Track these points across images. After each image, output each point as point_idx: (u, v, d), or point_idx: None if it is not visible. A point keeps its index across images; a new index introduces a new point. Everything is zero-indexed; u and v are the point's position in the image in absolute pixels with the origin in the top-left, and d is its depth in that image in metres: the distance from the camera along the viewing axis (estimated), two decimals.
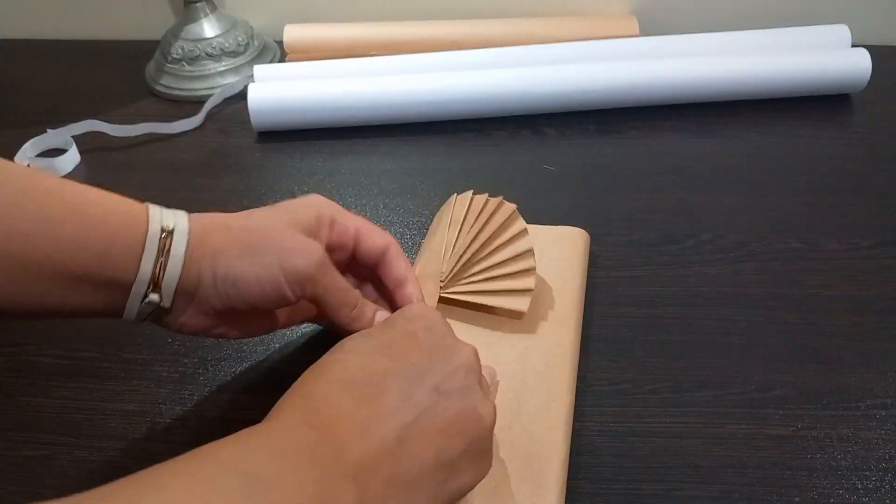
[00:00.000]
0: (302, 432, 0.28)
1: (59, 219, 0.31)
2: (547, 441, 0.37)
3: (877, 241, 0.50)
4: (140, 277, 0.33)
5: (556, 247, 0.47)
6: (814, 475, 0.37)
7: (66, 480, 0.39)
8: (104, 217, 0.32)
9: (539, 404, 0.38)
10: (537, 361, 0.40)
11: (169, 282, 0.34)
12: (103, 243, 0.32)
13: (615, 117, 0.63)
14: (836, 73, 0.62)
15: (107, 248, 0.32)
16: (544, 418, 0.38)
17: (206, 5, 0.71)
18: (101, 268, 0.32)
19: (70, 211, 0.32)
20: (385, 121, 0.63)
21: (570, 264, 0.46)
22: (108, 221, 0.32)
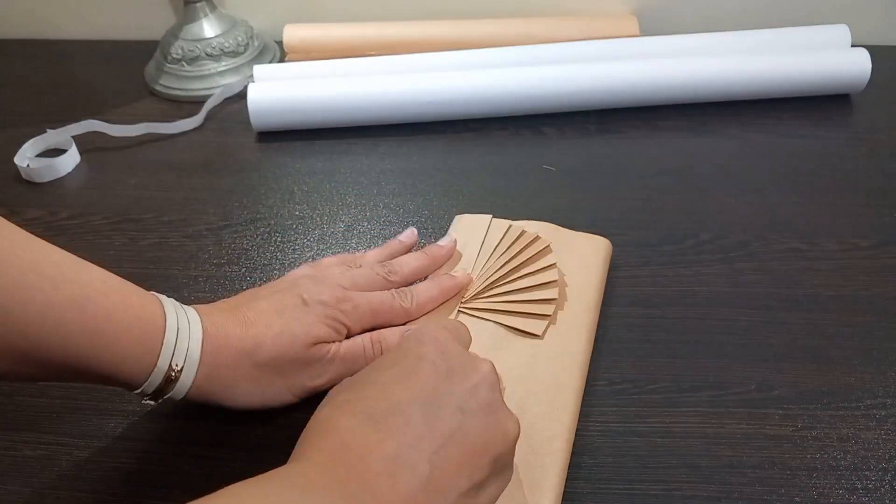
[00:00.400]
0: (331, 469, 0.28)
1: (77, 333, 0.32)
2: (546, 450, 0.36)
3: (877, 241, 0.50)
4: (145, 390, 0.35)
5: (576, 254, 0.46)
6: (814, 475, 0.37)
7: (66, 481, 0.39)
8: (116, 337, 0.33)
9: (542, 412, 0.38)
10: (544, 368, 0.40)
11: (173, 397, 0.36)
12: (115, 365, 0.34)
13: (615, 117, 0.63)
14: (836, 73, 0.62)
15: (118, 368, 0.34)
16: (546, 426, 0.37)
17: (205, 5, 0.71)
18: (110, 380, 0.34)
19: (87, 329, 0.32)
20: (385, 121, 0.63)
21: (588, 273, 0.46)
22: (120, 344, 0.33)
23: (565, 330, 0.42)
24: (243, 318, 0.37)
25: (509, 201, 0.54)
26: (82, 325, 0.32)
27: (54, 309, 0.31)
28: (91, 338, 0.33)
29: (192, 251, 0.53)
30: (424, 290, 0.43)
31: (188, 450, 0.40)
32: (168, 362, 0.34)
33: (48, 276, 0.32)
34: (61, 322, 0.32)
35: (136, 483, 0.39)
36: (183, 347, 0.35)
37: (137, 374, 0.34)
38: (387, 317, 0.41)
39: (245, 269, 0.51)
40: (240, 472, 0.40)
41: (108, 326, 0.33)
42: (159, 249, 0.53)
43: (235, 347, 0.36)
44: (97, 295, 0.33)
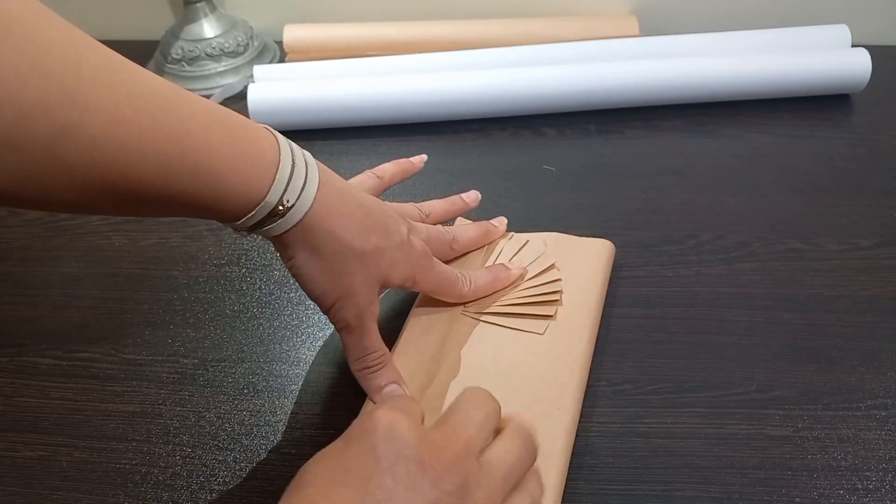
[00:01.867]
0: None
1: (177, 170, 0.30)
2: (546, 450, 0.36)
3: (877, 241, 0.50)
4: (245, 223, 0.34)
5: (579, 257, 0.46)
6: (814, 476, 0.37)
7: (67, 481, 0.39)
8: (221, 173, 0.31)
9: (543, 411, 0.38)
10: (546, 368, 0.40)
11: (269, 232, 0.34)
12: (218, 200, 0.32)
13: (615, 117, 0.63)
14: (836, 73, 0.62)
15: (221, 203, 0.32)
16: (546, 426, 0.37)
17: (205, 5, 0.71)
18: (209, 212, 0.33)
19: (188, 165, 0.30)
20: (385, 121, 0.63)
21: (590, 275, 0.45)
22: (224, 179, 0.32)
23: (567, 330, 0.42)
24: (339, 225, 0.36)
25: (509, 202, 0.54)
26: (183, 162, 0.30)
27: (152, 146, 0.29)
28: (192, 174, 0.31)
29: (192, 251, 0.53)
30: (481, 277, 0.43)
31: (187, 451, 0.40)
32: (279, 197, 0.33)
33: (146, 109, 0.29)
34: (160, 159, 0.29)
35: (136, 483, 0.39)
36: (297, 184, 0.33)
37: (241, 208, 0.33)
38: (446, 294, 0.42)
39: (245, 270, 0.51)
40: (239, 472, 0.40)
41: (210, 162, 0.31)
42: (159, 250, 0.53)
43: (350, 197, 0.36)
44: (199, 129, 0.31)
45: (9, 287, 0.51)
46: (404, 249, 0.38)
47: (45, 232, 0.56)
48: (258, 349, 0.46)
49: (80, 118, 0.27)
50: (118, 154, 0.28)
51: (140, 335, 0.47)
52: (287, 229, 0.34)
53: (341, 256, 0.35)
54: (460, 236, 0.45)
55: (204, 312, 0.48)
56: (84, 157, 0.28)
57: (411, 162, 0.47)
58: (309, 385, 0.44)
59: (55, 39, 0.27)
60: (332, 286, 0.36)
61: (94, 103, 0.27)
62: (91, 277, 0.52)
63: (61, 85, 0.26)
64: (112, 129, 0.28)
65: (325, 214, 0.35)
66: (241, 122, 0.33)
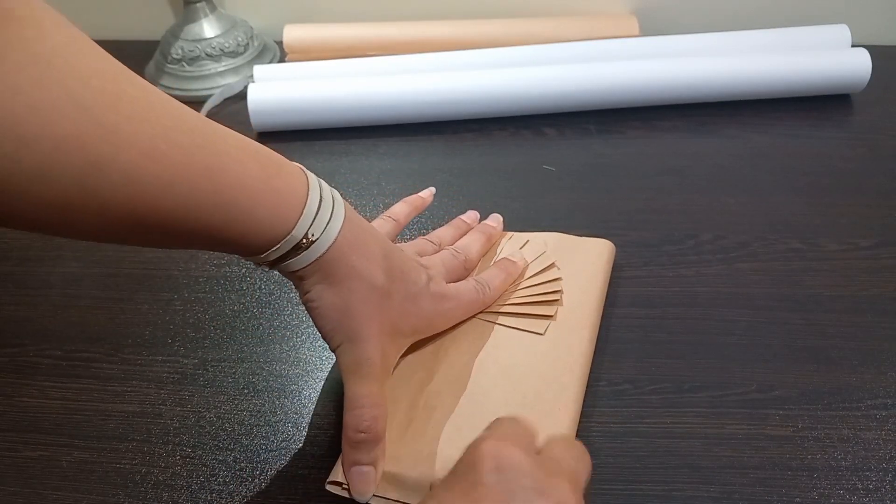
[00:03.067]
0: None
1: (209, 205, 0.30)
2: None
3: (877, 241, 0.50)
4: (268, 257, 0.34)
5: (580, 257, 0.46)
6: (814, 476, 0.37)
7: (67, 481, 0.39)
8: (251, 209, 0.32)
9: (544, 410, 0.38)
10: (546, 368, 0.40)
11: (290, 266, 0.34)
12: (245, 235, 0.32)
13: (615, 117, 0.63)
14: (836, 73, 0.62)
15: (247, 237, 0.32)
16: (547, 425, 0.37)
17: (205, 5, 0.71)
18: (234, 246, 0.33)
19: (220, 200, 0.30)
20: (385, 121, 0.63)
21: (591, 274, 0.46)
22: (254, 214, 0.32)
23: (567, 330, 0.42)
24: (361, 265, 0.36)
25: (509, 201, 0.54)
26: (215, 197, 0.30)
27: (186, 181, 0.29)
28: (224, 210, 0.31)
29: (192, 252, 0.53)
30: (495, 278, 0.43)
31: (187, 451, 0.41)
32: (305, 231, 0.33)
33: (181, 144, 0.29)
34: (193, 194, 0.29)
35: (136, 483, 0.39)
36: (324, 218, 0.34)
37: (267, 242, 0.33)
38: (472, 313, 0.42)
39: (245, 270, 0.51)
40: (239, 472, 0.40)
41: (242, 198, 0.31)
42: (159, 250, 0.53)
43: (371, 236, 0.36)
44: (233, 165, 0.31)
45: (9, 287, 0.51)
46: (422, 298, 0.38)
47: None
48: (258, 349, 0.46)
49: (115, 152, 0.27)
50: (150, 188, 0.28)
51: (140, 335, 0.47)
52: (308, 263, 0.34)
53: (358, 294, 0.35)
54: (470, 253, 0.45)
55: (204, 312, 0.48)
56: (116, 190, 0.28)
57: (421, 197, 0.48)
58: (309, 385, 0.44)
59: (94, 72, 0.27)
60: (344, 324, 0.36)
61: (129, 137, 0.27)
62: (91, 277, 0.52)
63: (97, 118, 0.26)
64: (146, 163, 0.28)
65: (346, 249, 0.35)
66: (273, 157, 0.34)
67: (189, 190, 0.29)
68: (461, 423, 0.37)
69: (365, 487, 0.35)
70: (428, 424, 0.37)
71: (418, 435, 0.37)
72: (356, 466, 0.35)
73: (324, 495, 0.38)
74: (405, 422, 0.38)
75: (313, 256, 0.34)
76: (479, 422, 0.35)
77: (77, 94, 0.26)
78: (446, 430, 0.37)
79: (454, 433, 0.37)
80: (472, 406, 0.38)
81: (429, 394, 0.39)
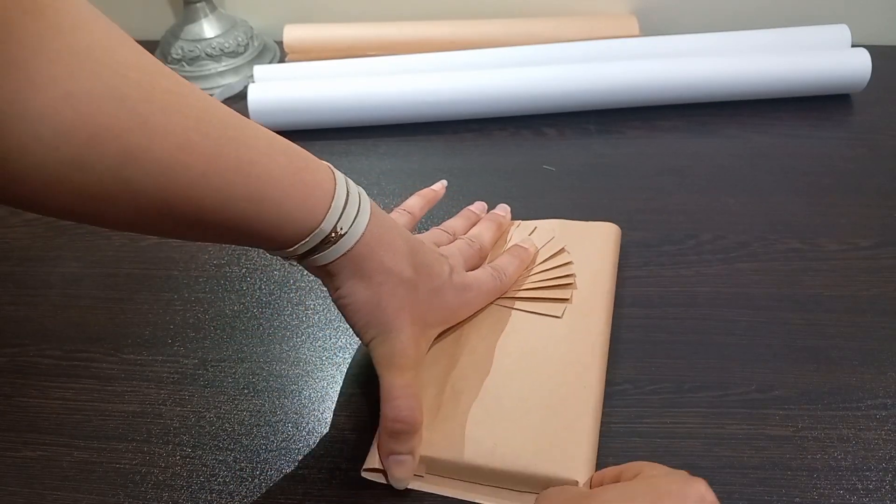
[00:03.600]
0: None
1: (239, 197, 0.31)
2: (577, 428, 0.37)
3: (877, 241, 0.50)
4: (297, 250, 0.34)
5: (588, 241, 0.48)
6: (814, 476, 0.37)
7: (67, 482, 0.39)
8: (280, 201, 0.32)
9: (569, 392, 0.39)
10: (567, 350, 0.41)
11: (318, 260, 0.35)
12: (274, 227, 0.32)
13: (615, 117, 0.63)
14: (836, 73, 0.62)
15: (276, 230, 0.33)
16: (573, 406, 0.38)
17: (205, 5, 0.71)
18: (264, 240, 0.33)
19: (250, 192, 0.31)
20: (385, 121, 0.63)
21: (600, 258, 0.47)
22: (284, 207, 0.32)
23: (584, 312, 0.43)
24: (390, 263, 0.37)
25: (509, 201, 0.54)
26: (246, 189, 0.31)
27: (217, 171, 0.29)
28: (253, 201, 0.31)
29: (192, 251, 0.53)
30: (509, 265, 0.44)
31: (187, 451, 0.40)
32: (333, 224, 0.33)
33: (212, 136, 0.29)
34: (223, 185, 0.30)
35: (136, 483, 0.39)
36: (351, 213, 0.34)
37: (296, 235, 0.33)
38: (491, 300, 0.43)
39: (245, 270, 0.51)
40: (239, 472, 0.40)
41: (271, 190, 0.31)
42: (159, 250, 0.53)
43: (396, 232, 0.37)
44: (262, 157, 0.31)
45: (9, 287, 0.51)
46: (447, 289, 0.39)
47: (45, 232, 0.56)
48: (258, 349, 0.46)
49: (149, 142, 0.27)
50: (183, 179, 0.29)
51: (140, 335, 0.47)
52: (337, 257, 0.34)
53: (388, 287, 0.36)
54: (484, 242, 0.45)
55: (204, 312, 0.48)
56: (149, 180, 0.28)
57: (434, 190, 0.48)
58: (309, 385, 0.44)
59: (130, 64, 0.27)
60: (376, 317, 0.36)
61: (162, 128, 0.28)
62: (91, 277, 0.52)
63: (133, 109, 0.27)
64: (179, 154, 0.28)
65: (374, 244, 0.35)
66: (300, 152, 0.34)
67: (220, 181, 0.30)
68: (489, 406, 0.38)
69: (403, 475, 0.36)
70: (457, 408, 0.38)
71: (448, 419, 0.38)
72: (394, 455, 0.36)
73: (324, 495, 0.38)
74: (434, 407, 0.39)
75: (342, 250, 0.34)
76: (506, 403, 0.38)
77: (113, 86, 0.26)
78: (475, 413, 0.38)
79: (483, 415, 0.38)
80: (498, 389, 0.39)
81: (454, 379, 0.40)
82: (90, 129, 0.26)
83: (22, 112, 0.24)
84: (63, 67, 0.25)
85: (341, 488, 0.38)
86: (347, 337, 0.46)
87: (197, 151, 0.29)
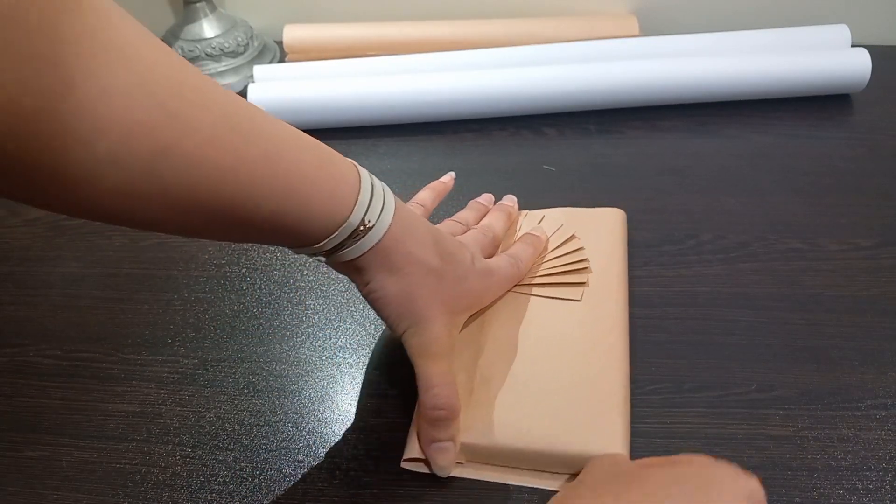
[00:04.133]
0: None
1: (268, 191, 0.31)
2: (608, 404, 0.38)
3: (877, 241, 0.50)
4: (325, 245, 0.34)
5: (596, 226, 0.48)
6: (814, 475, 0.37)
7: (67, 482, 0.39)
8: (308, 194, 0.32)
9: (596, 372, 0.39)
10: (590, 331, 0.42)
11: (345, 256, 0.35)
12: (303, 221, 0.33)
13: (615, 117, 0.63)
14: (836, 73, 0.62)
15: (305, 224, 0.33)
16: (602, 385, 0.39)
17: (205, 5, 0.70)
18: (293, 235, 0.33)
19: (279, 186, 0.31)
20: (385, 121, 0.63)
21: (611, 242, 0.47)
22: (312, 200, 0.32)
23: (602, 295, 0.44)
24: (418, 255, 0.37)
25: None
26: (274, 182, 0.31)
27: (246, 166, 0.30)
28: (282, 195, 0.31)
29: (192, 252, 0.53)
30: (523, 251, 0.45)
31: (187, 451, 0.40)
32: (361, 217, 0.34)
33: (240, 131, 0.30)
34: (253, 179, 0.30)
35: (136, 483, 0.39)
36: (377, 206, 0.34)
37: (324, 229, 0.33)
38: (510, 287, 0.44)
39: (245, 270, 0.51)
40: (239, 472, 0.40)
41: (299, 184, 0.32)
42: (159, 250, 0.53)
43: (420, 223, 0.37)
44: (290, 151, 0.32)
45: (9, 287, 0.51)
46: (470, 276, 0.39)
47: (45, 232, 0.56)
48: (258, 349, 0.46)
49: (179, 137, 0.27)
50: (212, 173, 0.29)
51: (140, 335, 0.47)
52: (366, 251, 0.35)
53: (418, 278, 0.36)
54: (496, 231, 0.46)
55: (204, 312, 0.48)
56: (180, 175, 0.28)
57: (443, 182, 0.48)
58: (309, 385, 0.44)
59: (160, 61, 0.27)
60: (408, 309, 0.36)
61: (193, 123, 0.28)
62: (91, 277, 0.52)
63: (164, 104, 0.27)
64: (208, 148, 0.28)
65: (401, 236, 0.35)
66: (324, 147, 0.34)
67: (248, 175, 0.30)
68: (520, 390, 0.39)
69: (447, 462, 0.37)
70: (489, 395, 0.39)
71: (481, 405, 0.39)
72: (435, 443, 0.37)
73: (324, 495, 0.38)
74: (465, 394, 0.39)
75: (370, 243, 0.34)
76: (537, 387, 0.39)
77: (146, 81, 0.26)
78: (507, 398, 0.39)
79: (515, 400, 0.39)
80: (527, 373, 0.40)
81: (482, 367, 0.40)
82: (124, 125, 0.26)
83: (61, 108, 0.24)
84: (99, 64, 0.25)
85: (341, 488, 0.38)
86: (347, 337, 0.46)
87: (225, 146, 0.29)
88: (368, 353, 0.45)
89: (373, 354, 0.45)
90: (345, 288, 0.49)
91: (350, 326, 0.47)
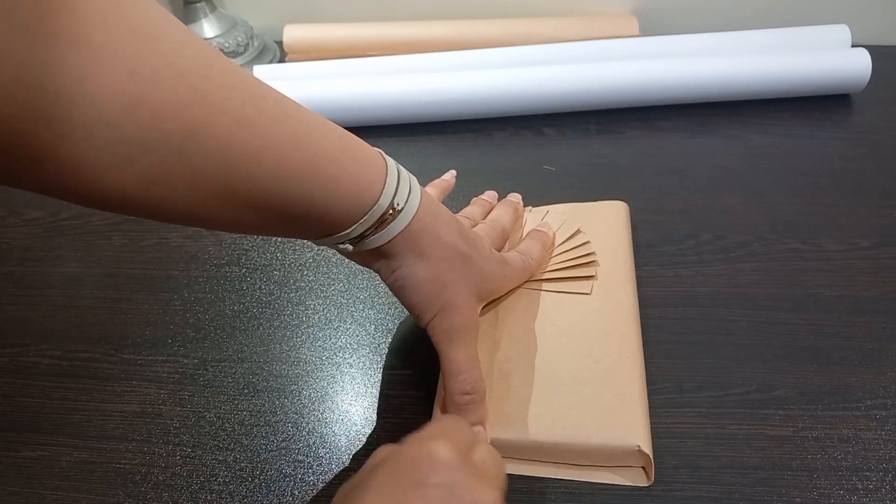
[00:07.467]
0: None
1: (297, 174, 0.30)
2: (626, 394, 0.38)
3: (877, 242, 0.50)
4: (354, 231, 0.34)
5: (600, 219, 0.49)
6: (814, 476, 0.37)
7: (67, 481, 0.39)
8: (336, 177, 0.32)
9: (613, 363, 0.40)
10: (603, 323, 0.42)
11: (373, 242, 0.34)
12: (331, 205, 0.32)
13: (615, 117, 0.63)
14: (836, 73, 0.62)
15: (334, 208, 0.32)
16: (620, 375, 0.39)
17: (206, 5, 0.70)
18: (323, 222, 0.33)
19: (308, 168, 0.31)
20: (385, 121, 0.63)
21: (616, 234, 0.48)
22: (340, 182, 0.32)
23: (612, 287, 0.44)
24: (445, 240, 0.37)
25: None
26: (302, 166, 0.30)
27: (275, 147, 0.29)
28: (310, 178, 0.31)
29: (192, 251, 0.53)
30: (533, 247, 0.45)
31: (187, 451, 0.41)
32: (390, 199, 0.33)
33: (269, 113, 0.29)
34: (281, 162, 0.30)
35: (136, 483, 0.39)
36: (404, 189, 0.34)
37: (353, 214, 0.33)
38: (522, 281, 0.44)
39: (245, 270, 0.51)
40: (239, 472, 0.40)
41: (328, 167, 0.31)
42: (159, 250, 0.53)
43: (443, 208, 0.37)
44: (317, 134, 0.31)
45: (9, 287, 0.51)
46: (491, 262, 0.40)
47: (45, 232, 0.56)
48: (258, 349, 0.46)
49: (208, 118, 0.27)
50: (241, 154, 0.28)
51: (140, 335, 0.47)
52: (394, 236, 0.34)
53: (447, 262, 0.36)
54: (504, 225, 0.46)
55: (204, 312, 0.48)
56: (209, 158, 0.28)
57: (445, 180, 0.48)
58: (309, 385, 0.44)
59: (185, 42, 0.27)
60: (438, 294, 0.36)
61: (221, 104, 0.27)
62: (91, 277, 0.52)
63: (192, 85, 0.26)
64: (237, 129, 0.28)
65: (429, 220, 0.35)
66: (348, 133, 0.34)
67: (277, 158, 0.30)
68: (539, 384, 0.39)
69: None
70: (508, 390, 0.39)
71: (502, 400, 0.39)
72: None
73: (323, 495, 0.38)
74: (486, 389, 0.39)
75: (399, 227, 0.34)
76: (556, 380, 0.39)
77: (173, 62, 0.26)
78: (527, 392, 0.39)
79: (536, 394, 0.39)
80: (545, 367, 0.40)
81: (500, 361, 0.41)
82: (152, 106, 0.25)
83: (89, 90, 0.24)
84: (126, 44, 0.25)
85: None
86: (347, 337, 0.46)
87: (254, 127, 0.29)
88: (368, 353, 0.45)
89: (373, 355, 0.45)
90: (345, 288, 0.49)
91: (350, 326, 0.47)
